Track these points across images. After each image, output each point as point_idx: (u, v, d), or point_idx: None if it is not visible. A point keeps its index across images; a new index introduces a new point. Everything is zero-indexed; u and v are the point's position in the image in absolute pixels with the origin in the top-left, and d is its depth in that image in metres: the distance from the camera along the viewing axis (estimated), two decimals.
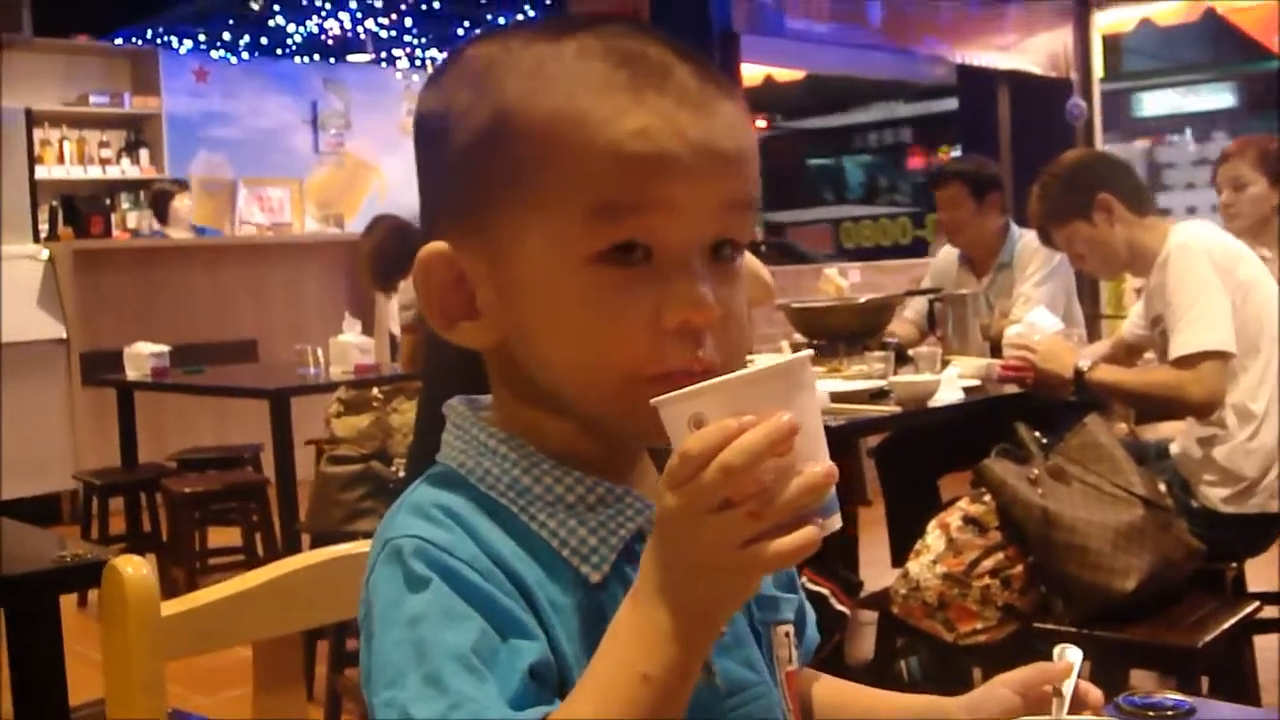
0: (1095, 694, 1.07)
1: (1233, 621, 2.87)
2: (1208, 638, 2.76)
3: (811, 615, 1.15)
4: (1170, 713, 1.18)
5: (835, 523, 0.83)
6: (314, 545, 4.33)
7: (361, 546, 1.24)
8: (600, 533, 0.93)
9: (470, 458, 0.96)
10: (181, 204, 8.66)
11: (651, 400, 0.83)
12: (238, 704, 4.00)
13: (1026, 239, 4.65)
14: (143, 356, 5.86)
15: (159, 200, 8.75)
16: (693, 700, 0.84)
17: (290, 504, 4.89)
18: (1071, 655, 1.10)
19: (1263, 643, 3.58)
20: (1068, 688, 1.06)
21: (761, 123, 17.06)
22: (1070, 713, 1.05)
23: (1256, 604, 3.09)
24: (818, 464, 0.81)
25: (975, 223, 4.89)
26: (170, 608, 1.10)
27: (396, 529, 0.90)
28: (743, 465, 0.78)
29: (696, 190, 0.90)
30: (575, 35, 0.93)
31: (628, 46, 0.92)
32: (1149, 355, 3.72)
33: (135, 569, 1.07)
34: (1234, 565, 3.39)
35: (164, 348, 5.93)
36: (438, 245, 0.94)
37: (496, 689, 0.84)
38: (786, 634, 1.06)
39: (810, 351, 0.87)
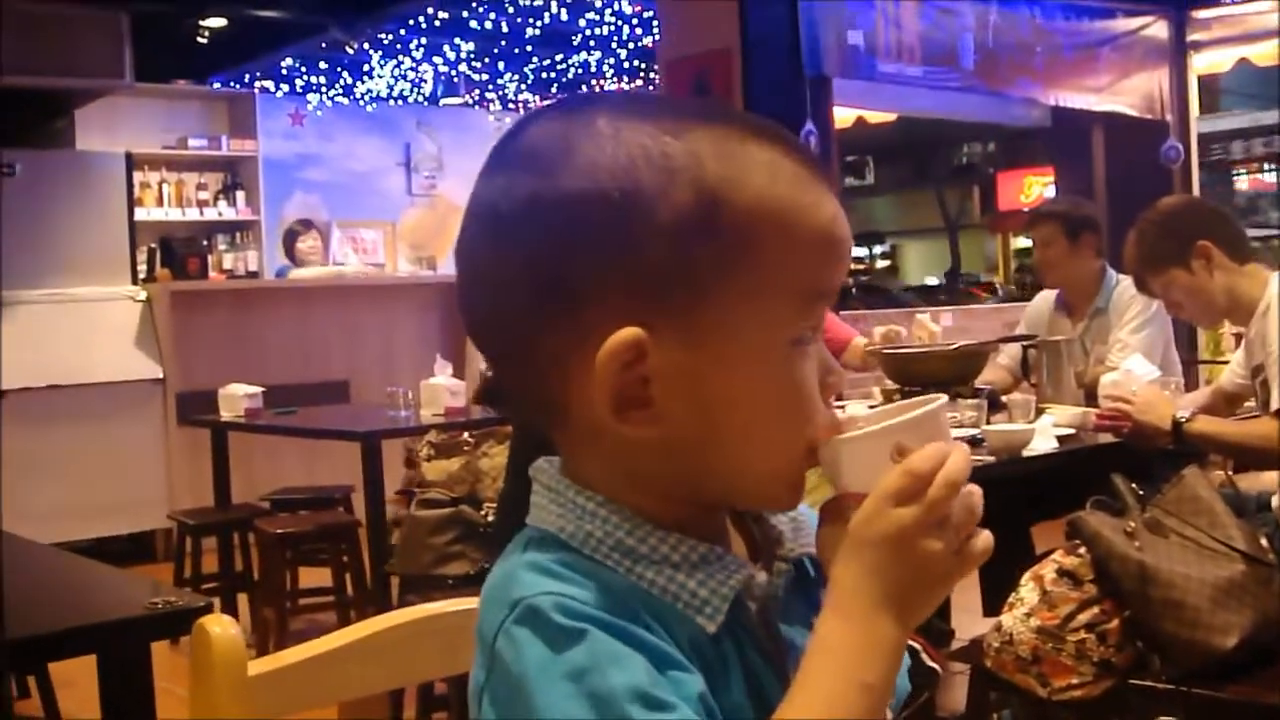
0: None
1: None
2: None
3: (905, 661, 1.14)
4: None
5: None
6: (403, 587, 4.38)
7: (448, 606, 1.24)
8: (710, 584, 0.94)
9: (569, 522, 0.95)
10: (305, 244, 8.77)
11: (845, 435, 0.94)
12: None
13: (1124, 284, 4.57)
14: (237, 397, 5.94)
15: (287, 240, 8.88)
16: None
17: (380, 546, 4.92)
18: None
19: None
20: None
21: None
22: None
23: None
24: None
25: (1068, 263, 4.83)
26: (257, 667, 1.10)
27: (526, 588, 0.89)
28: (960, 480, 0.90)
29: (845, 275, 0.99)
30: (731, 120, 0.95)
31: (781, 134, 0.96)
32: (1249, 404, 3.65)
33: (224, 629, 1.08)
34: None
35: (258, 389, 6.01)
36: (636, 331, 0.89)
37: (685, 715, 0.85)
38: None
39: (945, 397, 0.98)
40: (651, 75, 10.18)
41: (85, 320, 7.49)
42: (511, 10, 9.26)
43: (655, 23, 8.68)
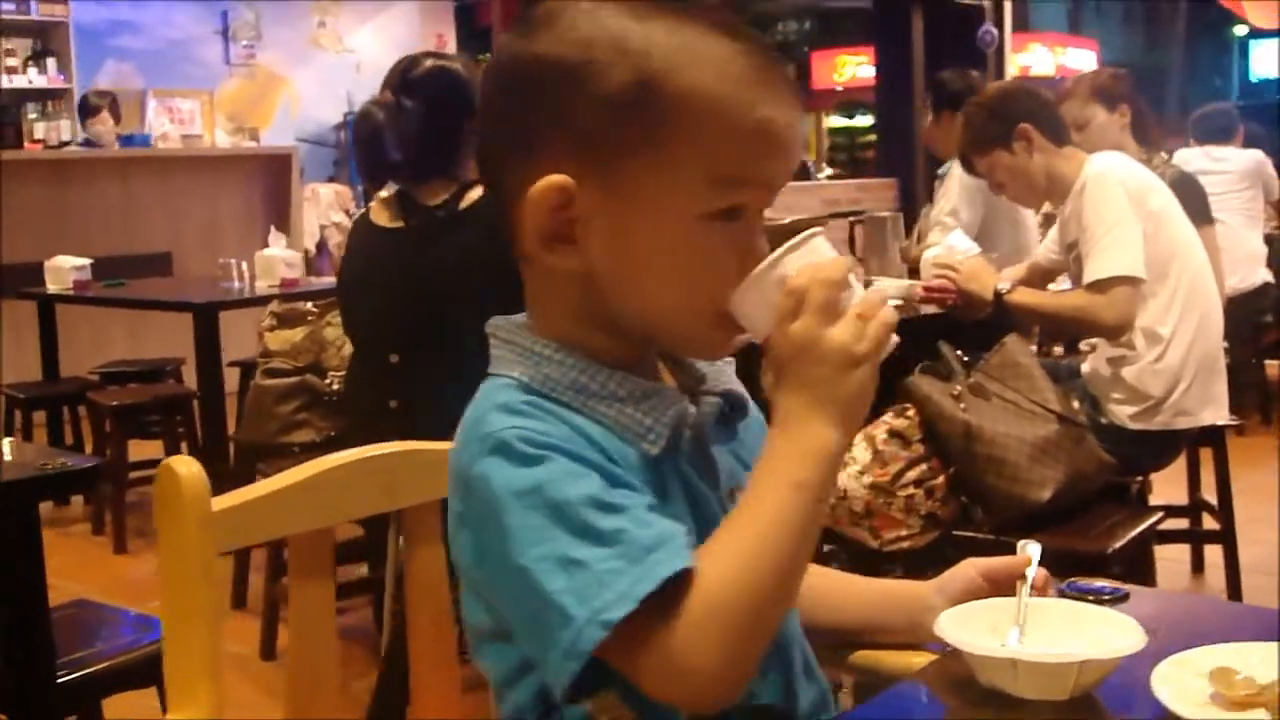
0: (1043, 575, 1.27)
1: (1139, 530, 3.05)
2: (1117, 544, 2.94)
3: None
4: (1108, 597, 1.33)
5: None
6: (242, 456, 4.42)
7: (385, 448, 1.35)
8: (653, 414, 1.09)
9: (529, 369, 1.09)
10: (101, 125, 8.50)
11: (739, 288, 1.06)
12: None
13: (953, 165, 4.69)
14: (64, 270, 5.85)
15: (81, 110, 8.61)
16: None
17: (216, 417, 4.94)
18: (1033, 549, 1.27)
19: (1161, 553, 3.78)
20: (1030, 573, 1.23)
21: None
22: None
23: (1160, 514, 3.28)
24: None
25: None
26: (220, 503, 1.19)
27: (493, 425, 1.04)
28: (838, 278, 1.03)
29: (786, 170, 1.12)
30: (701, 15, 1.08)
31: (749, 35, 1.09)
32: (1062, 279, 3.88)
33: (188, 468, 1.17)
34: (1139, 479, 3.57)
35: (86, 261, 5.92)
36: (563, 178, 1.06)
37: (638, 515, 1.00)
38: None
39: (821, 229, 1.12)
40: None
41: None
42: None
43: None
